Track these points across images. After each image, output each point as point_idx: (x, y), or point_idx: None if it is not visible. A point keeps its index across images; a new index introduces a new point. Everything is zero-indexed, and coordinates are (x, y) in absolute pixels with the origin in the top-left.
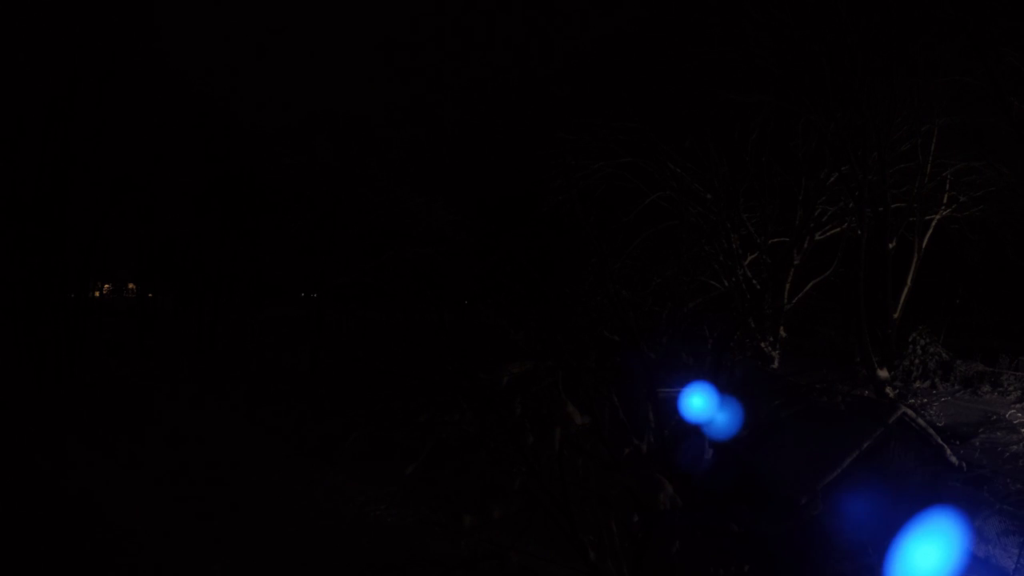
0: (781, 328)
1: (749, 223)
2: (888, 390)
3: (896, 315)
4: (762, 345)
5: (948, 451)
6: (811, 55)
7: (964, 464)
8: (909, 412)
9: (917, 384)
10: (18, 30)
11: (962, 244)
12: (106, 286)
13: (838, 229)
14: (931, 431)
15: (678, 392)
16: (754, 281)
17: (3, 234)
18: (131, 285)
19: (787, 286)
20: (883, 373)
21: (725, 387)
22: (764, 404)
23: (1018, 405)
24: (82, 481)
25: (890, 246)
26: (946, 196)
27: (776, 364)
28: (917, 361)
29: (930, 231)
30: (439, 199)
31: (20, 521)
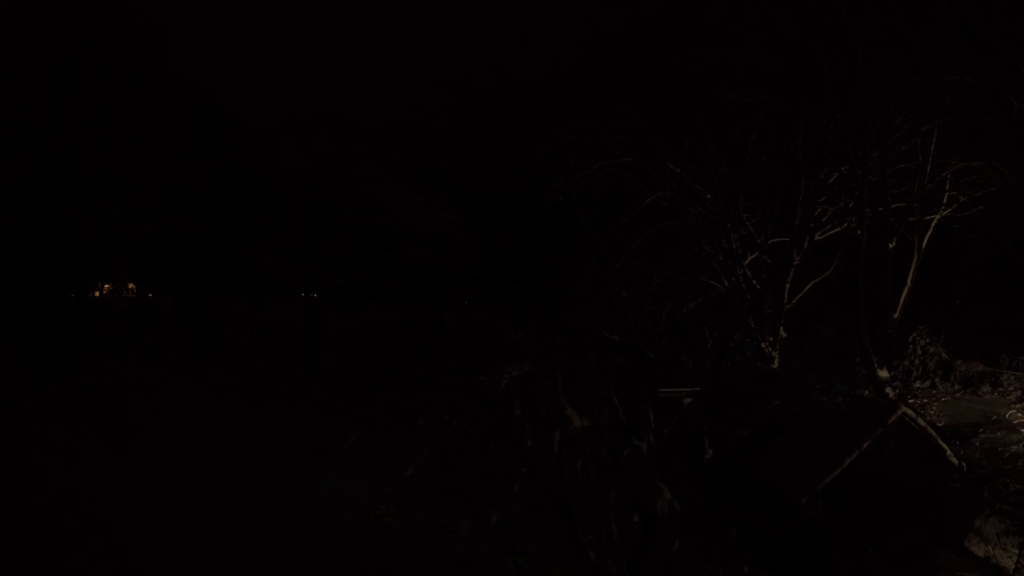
0: (781, 328)
1: (749, 223)
2: (888, 390)
3: (896, 315)
4: (762, 345)
5: (948, 451)
6: (811, 55)
7: (964, 464)
8: (909, 412)
9: (917, 384)
10: (19, 29)
11: (962, 244)
12: (106, 286)
13: (838, 229)
14: (931, 431)
15: (678, 392)
16: (754, 281)
17: (3, 234)
18: (131, 285)
19: (787, 286)
20: (883, 373)
21: (725, 387)
22: (764, 404)
23: (1018, 405)
24: (82, 481)
25: (890, 246)
26: (946, 196)
27: (776, 364)
28: (917, 361)
29: (930, 231)
30: (439, 199)
31: (21, 521)
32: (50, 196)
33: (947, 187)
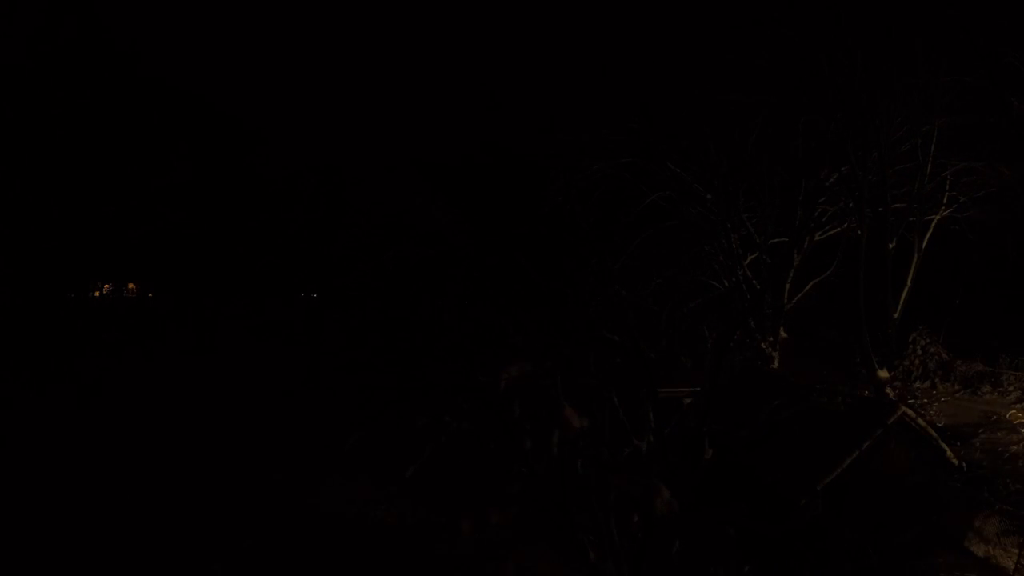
0: (781, 328)
1: (749, 223)
2: (888, 390)
3: (896, 315)
4: (762, 345)
5: (948, 451)
6: (811, 55)
7: (964, 464)
8: (909, 412)
9: (917, 384)
10: (19, 29)
11: (962, 244)
12: (106, 286)
13: (838, 229)
14: (931, 431)
15: (678, 392)
16: (754, 281)
17: (3, 234)
18: (131, 285)
19: (787, 286)
20: (883, 373)
21: (725, 387)
22: (764, 404)
23: (1018, 405)
24: (82, 481)
25: (890, 246)
26: (946, 196)
27: (776, 364)
28: (917, 361)
29: (930, 231)
30: (438, 199)
31: (21, 521)
32: (50, 196)
33: (947, 187)
